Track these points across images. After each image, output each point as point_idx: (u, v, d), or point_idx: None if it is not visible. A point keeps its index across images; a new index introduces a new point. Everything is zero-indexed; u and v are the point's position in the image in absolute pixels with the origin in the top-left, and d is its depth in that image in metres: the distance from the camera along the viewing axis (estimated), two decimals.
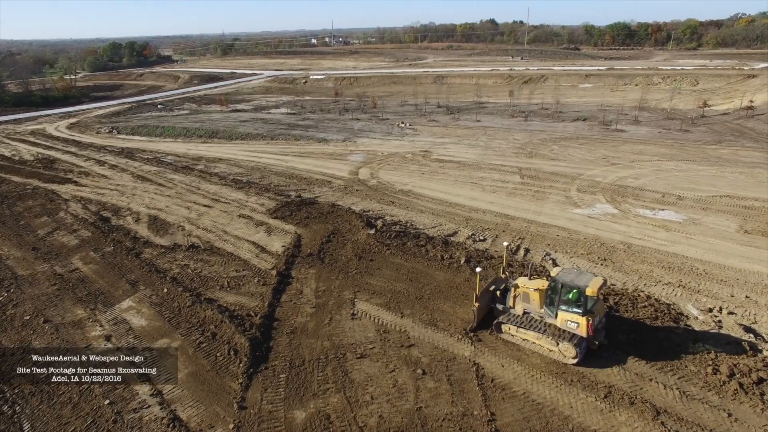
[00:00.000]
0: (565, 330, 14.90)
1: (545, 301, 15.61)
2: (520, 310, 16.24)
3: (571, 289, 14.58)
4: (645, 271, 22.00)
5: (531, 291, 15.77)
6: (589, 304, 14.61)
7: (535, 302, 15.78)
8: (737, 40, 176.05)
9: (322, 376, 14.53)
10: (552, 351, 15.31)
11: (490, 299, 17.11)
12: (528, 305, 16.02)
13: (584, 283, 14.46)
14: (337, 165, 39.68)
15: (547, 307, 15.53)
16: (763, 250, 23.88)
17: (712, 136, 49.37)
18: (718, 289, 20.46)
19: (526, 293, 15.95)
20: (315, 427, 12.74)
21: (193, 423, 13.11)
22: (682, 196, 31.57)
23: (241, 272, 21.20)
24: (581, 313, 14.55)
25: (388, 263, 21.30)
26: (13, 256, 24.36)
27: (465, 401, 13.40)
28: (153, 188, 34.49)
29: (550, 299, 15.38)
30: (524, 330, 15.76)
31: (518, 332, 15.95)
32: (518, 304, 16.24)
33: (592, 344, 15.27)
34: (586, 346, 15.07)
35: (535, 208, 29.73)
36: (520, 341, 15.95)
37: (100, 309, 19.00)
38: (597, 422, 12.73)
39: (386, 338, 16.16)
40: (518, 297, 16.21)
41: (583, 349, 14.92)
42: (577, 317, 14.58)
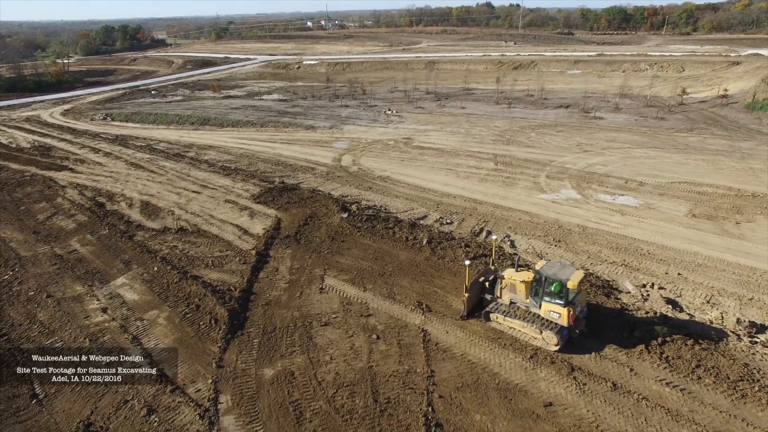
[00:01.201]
0: (548, 319, 16.13)
1: (530, 292, 16.74)
2: (507, 301, 17.38)
3: (554, 281, 15.81)
4: (594, 252, 24.17)
5: (517, 283, 16.89)
6: (570, 295, 15.79)
7: (521, 293, 16.89)
8: (733, 24, 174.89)
9: (290, 340, 16.80)
10: (536, 338, 16.50)
11: (480, 290, 18.20)
12: (514, 296, 17.15)
13: (566, 276, 15.67)
14: (322, 152, 41.56)
15: (532, 297, 16.72)
16: (705, 232, 26.05)
17: (685, 124, 51.08)
18: (656, 268, 22.65)
19: (512, 285, 17.07)
20: (281, 382, 15.01)
21: (177, 379, 15.36)
22: (644, 183, 33.60)
23: (224, 252, 23.36)
24: (563, 304, 15.74)
25: (358, 244, 23.49)
26: (15, 238, 26.41)
27: (410, 361, 15.69)
28: (145, 175, 36.40)
29: (535, 290, 16.56)
30: (510, 319, 16.96)
31: (505, 321, 17.15)
32: (505, 294, 17.37)
33: (573, 333, 16.37)
34: (567, 334, 16.20)
35: (504, 193, 31.79)
36: (507, 329, 17.13)
37: (97, 285, 21.16)
38: (520, 377, 15.03)
39: (348, 309, 18.42)
40: (505, 288, 17.31)
41: (564, 337, 16.09)
42: (559, 308, 15.78)
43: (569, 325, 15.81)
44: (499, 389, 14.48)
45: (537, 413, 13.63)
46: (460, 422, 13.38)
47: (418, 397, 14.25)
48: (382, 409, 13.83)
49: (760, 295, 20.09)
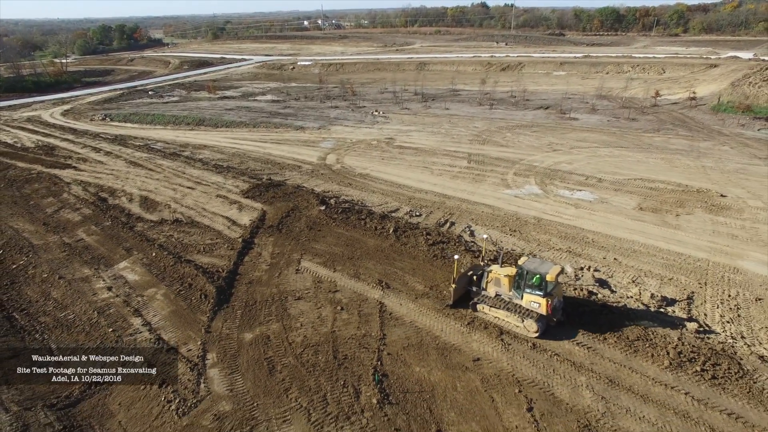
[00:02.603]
0: (529, 309, 17.86)
1: (513, 285, 18.49)
2: (492, 293, 19.07)
3: (534, 275, 17.55)
4: (544, 240, 27.21)
5: (502, 276, 18.60)
6: (548, 287, 17.48)
7: (505, 286, 18.60)
8: (723, 26, 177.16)
9: (268, 311, 19.86)
10: (518, 326, 18.25)
11: (467, 282, 19.94)
12: (499, 288, 18.86)
13: (545, 270, 17.38)
14: (309, 151, 44.55)
15: (515, 290, 18.44)
16: (647, 223, 29.13)
17: (654, 125, 54.05)
18: (596, 254, 25.71)
19: (497, 278, 18.78)
20: (258, 343, 18.06)
21: (172, 342, 18.40)
22: (602, 179, 36.63)
23: (214, 240, 26.38)
24: (542, 295, 17.45)
25: (332, 233, 26.55)
26: (27, 229, 29.37)
27: (367, 327, 18.76)
28: (144, 173, 39.35)
29: (517, 283, 18.30)
30: (496, 309, 18.72)
31: (491, 311, 18.92)
32: (491, 287, 19.07)
33: (551, 321, 18.15)
34: (546, 322, 17.97)
35: (472, 189, 34.81)
36: (492, 318, 18.93)
37: (102, 268, 24.17)
38: (457, 339, 18.11)
39: (319, 286, 21.49)
40: (491, 281, 19.04)
41: (543, 325, 17.84)
42: (539, 298, 17.49)
43: (547, 314, 17.65)
44: (437, 348, 17.56)
45: (466, 366, 16.70)
46: (402, 373, 16.44)
47: (371, 354, 17.31)
48: (339, 363, 16.89)
49: (679, 275, 23.19)
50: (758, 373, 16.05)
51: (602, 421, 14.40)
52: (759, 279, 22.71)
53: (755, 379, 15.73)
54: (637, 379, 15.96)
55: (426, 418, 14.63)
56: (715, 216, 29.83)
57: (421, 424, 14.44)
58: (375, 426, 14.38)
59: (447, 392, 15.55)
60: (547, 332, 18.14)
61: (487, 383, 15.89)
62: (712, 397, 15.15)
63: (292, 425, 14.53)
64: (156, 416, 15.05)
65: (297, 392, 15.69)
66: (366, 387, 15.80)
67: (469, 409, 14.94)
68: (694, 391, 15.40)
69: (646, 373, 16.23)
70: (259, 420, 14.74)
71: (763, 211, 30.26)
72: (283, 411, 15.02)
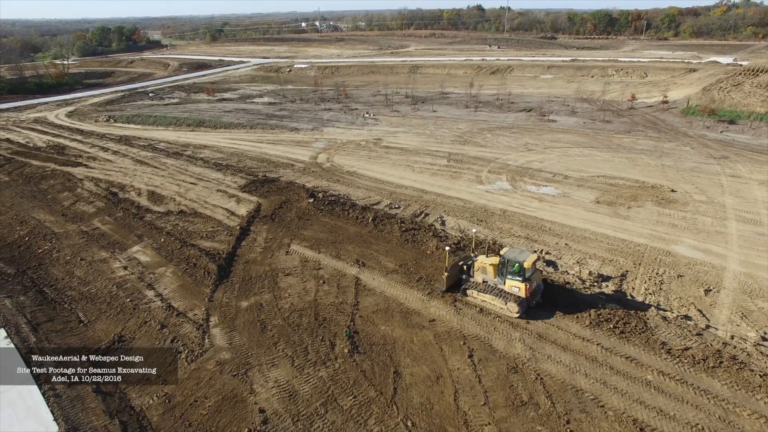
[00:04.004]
0: (511, 293, 20.47)
1: (498, 272, 21.02)
2: (480, 279, 21.66)
3: (515, 263, 20.14)
4: (506, 228, 30.85)
5: (488, 265, 21.22)
6: (527, 273, 20.05)
7: (491, 273, 21.21)
8: (713, 29, 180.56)
9: (261, 285, 23.52)
10: (502, 308, 20.84)
11: (459, 271, 22.44)
12: (486, 276, 21.43)
13: (523, 258, 20.06)
14: (302, 151, 48.19)
15: (499, 276, 20.96)
16: (600, 214, 32.77)
17: (626, 127, 57.68)
18: (551, 240, 29.34)
19: (484, 267, 21.35)
20: (252, 309, 21.72)
21: (180, 309, 22.04)
22: (568, 176, 40.26)
23: (215, 228, 30.04)
24: (521, 280, 20.02)
25: (319, 221, 30.25)
26: (48, 220, 32.95)
27: (344, 296, 22.44)
28: (150, 170, 42.96)
29: (501, 271, 20.78)
30: (483, 294, 21.29)
31: (479, 295, 21.52)
32: (478, 275, 21.67)
33: (531, 303, 20.75)
34: (526, 304, 20.57)
35: (448, 185, 38.45)
36: (480, 302, 21.51)
37: (117, 252, 27.79)
38: (417, 305, 21.79)
39: (305, 265, 25.18)
40: (479, 270, 21.60)
41: (524, 307, 20.41)
42: (519, 283, 20.07)
43: (527, 297, 20.21)
44: (401, 312, 21.24)
45: (423, 325, 20.38)
46: (370, 330, 20.12)
47: (345, 317, 20.99)
48: (319, 324, 20.57)
49: (618, 257, 26.87)
50: (659, 330, 19.76)
51: (527, 365, 18.07)
52: (685, 260, 26.41)
53: (654, 333, 19.43)
54: (561, 335, 19.64)
55: (387, 363, 18.29)
56: (662, 208, 33.49)
57: (383, 368, 18.10)
58: (345, 369, 18.04)
59: (405, 344, 19.22)
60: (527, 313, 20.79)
61: (438, 338, 19.57)
62: (617, 347, 18.86)
63: (279, 368, 18.18)
64: (169, 363, 18.65)
65: (284, 345, 19.35)
66: (340, 341, 19.47)
67: (422, 356, 18.61)
68: (604, 342, 19.10)
69: (570, 330, 19.91)
70: (253, 365, 18.38)
71: (705, 204, 33.97)
72: (272, 358, 18.68)
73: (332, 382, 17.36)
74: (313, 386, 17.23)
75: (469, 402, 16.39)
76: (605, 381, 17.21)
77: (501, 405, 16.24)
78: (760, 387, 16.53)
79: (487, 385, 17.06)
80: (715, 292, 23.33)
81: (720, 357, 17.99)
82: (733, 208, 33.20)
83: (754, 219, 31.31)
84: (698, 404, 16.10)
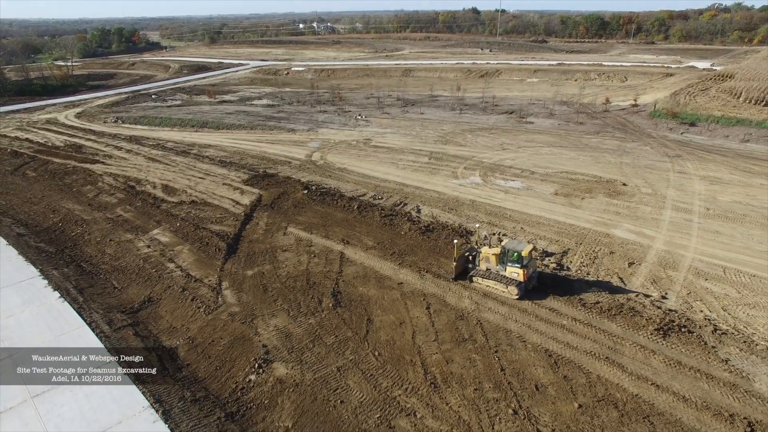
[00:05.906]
0: (511, 278, 23.58)
1: (499, 261, 24.10)
2: (484, 267, 24.77)
3: (514, 252, 23.25)
4: (472, 216, 35.86)
5: (490, 255, 24.31)
6: (524, 261, 23.11)
7: (493, 262, 24.32)
8: (701, 33, 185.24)
9: (263, 258, 28.60)
10: (504, 292, 23.95)
11: (465, 261, 25.69)
12: (489, 264, 24.51)
13: (521, 248, 23.23)
14: (298, 150, 53.23)
15: (500, 264, 24.02)
16: (556, 204, 37.75)
17: (597, 128, 62.56)
18: (509, 225, 34.36)
19: (487, 256, 24.48)
20: (256, 276, 26.80)
21: (197, 276, 27.09)
22: (534, 172, 45.31)
23: (223, 215, 35.10)
24: (520, 267, 23.11)
25: (312, 209, 35.36)
26: (76, 209, 37.92)
27: (330, 266, 27.54)
28: (162, 167, 47.94)
29: (502, 259, 23.89)
30: (486, 279, 24.41)
31: (483, 281, 24.65)
32: (483, 263, 24.83)
33: (528, 287, 23.88)
34: (524, 287, 23.61)
35: (426, 179, 43.49)
36: (485, 287, 24.68)
37: (140, 234, 32.81)
38: (389, 273, 26.89)
39: (300, 243, 30.28)
40: (483, 259, 24.78)
41: (522, 290, 23.57)
42: (518, 270, 23.20)
43: (525, 281, 23.42)
44: (376, 277, 26.35)
45: (392, 287, 25.49)
46: (350, 290, 25.22)
47: (331, 282, 26.08)
48: (310, 286, 25.66)
49: (563, 238, 31.92)
50: (580, 290, 24.89)
51: (471, 314, 23.17)
52: (619, 240, 31.50)
53: (575, 293, 24.57)
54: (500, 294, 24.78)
55: (362, 314, 23.37)
56: (612, 199, 38.52)
57: (359, 317, 23.18)
58: (329, 318, 23.13)
59: (378, 300, 24.32)
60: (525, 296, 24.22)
61: (404, 296, 24.67)
62: (544, 302, 23.97)
63: (277, 318, 23.25)
64: (191, 315, 23.71)
65: (281, 301, 24.42)
66: (326, 299, 24.55)
67: (390, 308, 23.70)
68: (533, 297, 24.25)
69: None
70: (257, 315, 23.44)
71: (649, 196, 39.06)
72: (272, 311, 23.75)
73: (319, 326, 22.45)
74: (304, 329, 22.31)
75: (423, 339, 21.49)
76: (530, 325, 22.34)
77: (447, 341, 21.34)
78: (643, 326, 21.69)
79: (438, 327, 22.17)
80: (637, 265, 28.43)
81: (621, 308, 23.12)
82: (672, 199, 38.27)
83: (687, 208, 36.40)
84: (596, 339, 21.25)
